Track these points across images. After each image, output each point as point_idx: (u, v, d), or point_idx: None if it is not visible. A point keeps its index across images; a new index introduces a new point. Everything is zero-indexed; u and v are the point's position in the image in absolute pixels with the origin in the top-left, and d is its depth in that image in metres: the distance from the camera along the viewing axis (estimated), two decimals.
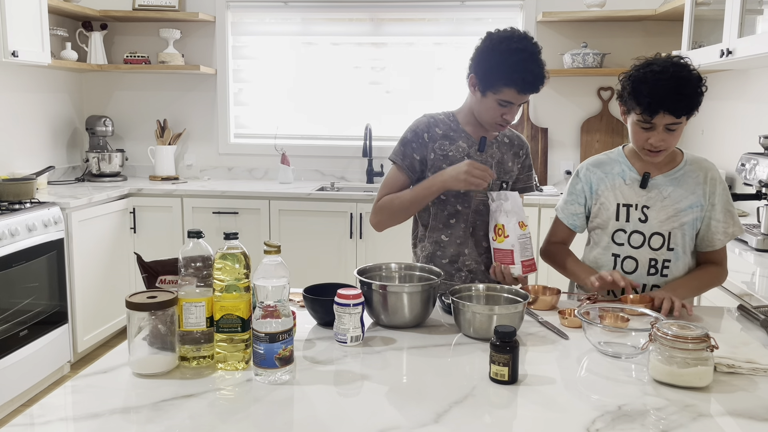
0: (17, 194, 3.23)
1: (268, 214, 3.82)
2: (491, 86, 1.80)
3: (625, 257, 1.82)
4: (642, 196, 1.79)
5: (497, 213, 1.85)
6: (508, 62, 1.76)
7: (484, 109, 1.85)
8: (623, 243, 1.82)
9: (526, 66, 1.76)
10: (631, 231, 1.80)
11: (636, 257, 1.81)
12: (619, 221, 1.81)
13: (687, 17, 3.09)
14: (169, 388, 1.22)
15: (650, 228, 1.79)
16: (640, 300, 1.67)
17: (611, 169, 1.85)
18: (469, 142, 1.93)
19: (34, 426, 1.09)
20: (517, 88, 1.77)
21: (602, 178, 1.85)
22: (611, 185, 1.83)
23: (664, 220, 1.78)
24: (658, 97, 1.63)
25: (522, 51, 1.76)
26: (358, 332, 1.45)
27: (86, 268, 3.52)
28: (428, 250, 1.99)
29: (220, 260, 1.29)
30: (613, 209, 1.82)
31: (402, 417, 1.11)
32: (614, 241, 1.83)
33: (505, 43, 1.78)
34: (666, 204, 1.77)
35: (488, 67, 1.79)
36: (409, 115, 4.25)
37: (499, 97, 1.80)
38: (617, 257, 1.83)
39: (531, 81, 1.77)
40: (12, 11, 3.21)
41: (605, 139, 4.13)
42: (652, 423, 1.11)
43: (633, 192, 1.80)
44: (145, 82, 4.45)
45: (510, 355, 1.25)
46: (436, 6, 4.20)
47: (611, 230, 1.83)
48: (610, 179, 1.84)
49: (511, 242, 1.81)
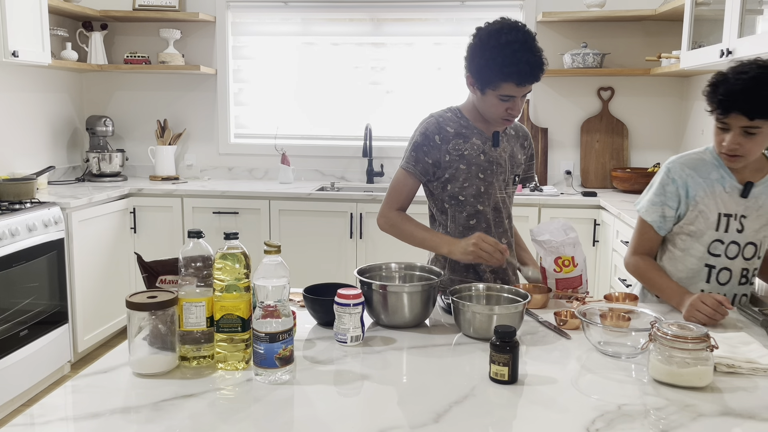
0: (17, 194, 3.23)
1: (268, 214, 3.82)
2: (489, 83, 1.75)
3: (721, 269, 1.74)
4: (740, 206, 1.72)
5: (563, 247, 1.80)
6: (500, 57, 1.70)
7: (487, 107, 1.81)
8: (720, 254, 1.74)
9: (520, 57, 1.69)
10: (729, 242, 1.73)
11: (731, 268, 1.75)
12: (718, 231, 1.73)
13: (687, 17, 3.09)
14: (169, 388, 1.22)
15: (745, 238, 1.73)
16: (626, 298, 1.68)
17: (707, 174, 1.74)
18: (483, 138, 1.89)
19: (34, 426, 1.09)
20: (514, 81, 1.72)
21: (700, 183, 1.73)
22: (711, 192, 1.72)
23: (758, 228, 1.73)
24: (732, 95, 1.58)
25: (513, 42, 1.70)
26: (358, 332, 1.45)
27: (86, 268, 3.52)
28: None
29: (220, 260, 1.29)
30: (713, 219, 1.72)
31: (402, 417, 1.12)
32: (710, 252, 1.74)
33: (494, 38, 1.72)
34: (761, 213, 1.72)
35: (482, 65, 1.74)
36: (409, 115, 4.28)
37: (499, 93, 1.75)
38: (712, 268, 1.75)
39: (528, 71, 1.71)
40: (12, 11, 3.21)
41: (605, 139, 4.13)
42: (652, 423, 1.11)
43: (733, 201, 1.72)
44: (146, 82, 4.45)
45: (510, 355, 1.25)
46: (436, 6, 4.20)
47: (708, 240, 1.74)
48: (709, 185, 1.73)
49: (581, 268, 1.82)
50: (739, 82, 1.57)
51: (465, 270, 1.92)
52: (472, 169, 1.87)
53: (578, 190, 3.98)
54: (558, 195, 3.71)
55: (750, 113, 1.57)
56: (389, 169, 4.30)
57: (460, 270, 1.92)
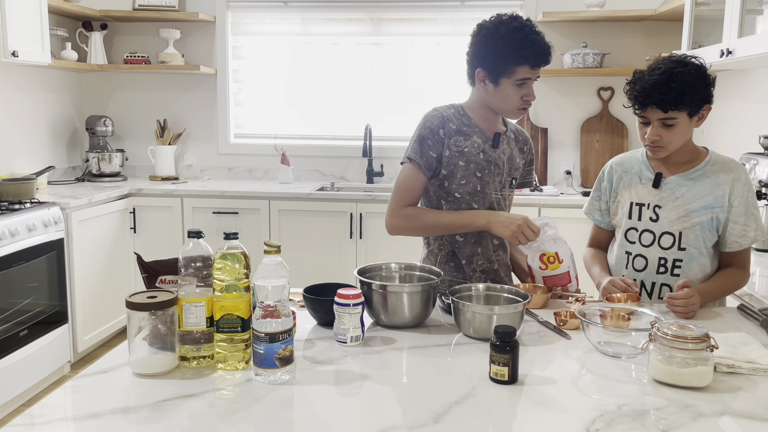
0: (17, 194, 3.23)
1: (268, 214, 3.82)
2: (503, 71, 1.79)
3: (635, 255, 1.85)
4: (655, 196, 1.82)
5: (543, 244, 1.81)
6: (513, 41, 1.76)
7: (502, 97, 1.82)
8: (635, 241, 1.85)
9: (533, 38, 1.77)
10: (642, 230, 1.84)
11: (646, 256, 1.84)
12: (631, 219, 1.85)
13: (687, 17, 3.09)
14: (169, 388, 1.22)
15: (660, 227, 1.81)
16: (628, 299, 1.68)
17: (631, 168, 1.88)
18: (483, 137, 1.90)
19: (34, 426, 1.09)
20: (530, 63, 1.77)
21: (622, 176, 1.89)
22: (628, 184, 1.87)
23: (675, 219, 1.79)
24: (646, 90, 1.68)
25: (522, 27, 1.78)
26: (358, 332, 1.45)
27: (86, 268, 3.52)
28: (447, 249, 1.94)
29: (220, 260, 1.29)
30: (626, 208, 1.86)
31: (402, 417, 1.12)
32: (627, 239, 1.87)
33: (504, 26, 1.78)
34: (678, 204, 1.78)
35: (495, 54, 1.78)
36: (409, 115, 4.28)
37: (515, 79, 1.79)
38: (629, 255, 1.87)
39: (541, 52, 1.77)
40: (12, 11, 3.21)
41: (605, 139, 4.13)
42: (652, 423, 1.11)
43: (647, 191, 1.83)
44: (145, 82, 4.45)
45: (510, 355, 1.25)
46: (436, 6, 4.20)
47: (624, 228, 1.87)
48: (629, 178, 1.88)
49: (567, 264, 1.82)
50: (653, 78, 1.68)
51: (456, 270, 1.93)
52: (471, 167, 1.87)
53: (578, 190, 3.98)
54: (558, 195, 3.71)
55: (663, 106, 1.67)
56: (389, 169, 4.30)
57: (450, 270, 1.93)
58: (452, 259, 1.93)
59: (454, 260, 1.93)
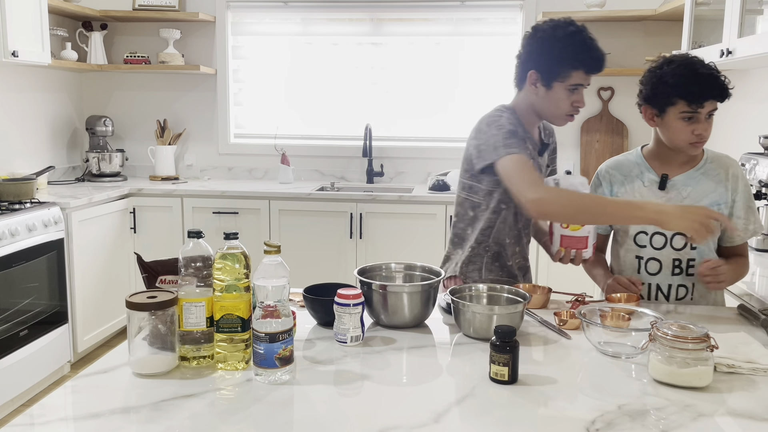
0: (17, 194, 3.23)
1: (268, 214, 3.82)
2: (558, 75, 1.76)
3: (648, 259, 1.82)
4: (662, 197, 1.79)
5: None
6: (572, 45, 1.74)
7: (553, 101, 1.79)
8: (645, 245, 1.82)
9: (591, 44, 1.76)
10: (653, 233, 1.81)
11: (659, 258, 1.81)
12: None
13: (687, 17, 3.09)
14: (169, 388, 1.22)
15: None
16: (628, 299, 1.68)
17: (630, 171, 1.85)
18: (533, 143, 1.88)
19: (34, 426, 1.09)
20: (585, 68, 1.75)
21: (622, 180, 1.86)
22: (630, 187, 1.84)
23: None
24: (703, 84, 1.65)
25: (580, 32, 1.76)
26: (358, 332, 1.45)
27: (86, 268, 3.52)
28: (493, 251, 1.91)
29: (220, 260, 1.29)
30: None
31: (402, 417, 1.11)
32: (636, 243, 1.83)
33: (561, 29, 1.77)
34: (686, 204, 1.77)
35: (552, 56, 1.76)
36: (409, 116, 4.28)
37: (568, 83, 1.76)
38: (641, 259, 1.83)
39: (598, 58, 1.76)
40: (12, 11, 3.21)
41: (605, 139, 4.13)
42: (652, 423, 1.11)
43: (652, 194, 1.81)
44: (145, 82, 4.45)
45: (510, 355, 1.25)
46: (436, 6, 4.20)
47: (633, 233, 1.83)
48: (630, 181, 1.85)
49: (588, 230, 1.76)
50: (704, 71, 1.66)
51: (500, 269, 1.92)
52: None
53: None
54: None
55: (722, 96, 1.67)
56: (389, 169, 4.30)
57: (496, 270, 1.92)
58: (497, 259, 1.92)
59: (499, 260, 1.92)
